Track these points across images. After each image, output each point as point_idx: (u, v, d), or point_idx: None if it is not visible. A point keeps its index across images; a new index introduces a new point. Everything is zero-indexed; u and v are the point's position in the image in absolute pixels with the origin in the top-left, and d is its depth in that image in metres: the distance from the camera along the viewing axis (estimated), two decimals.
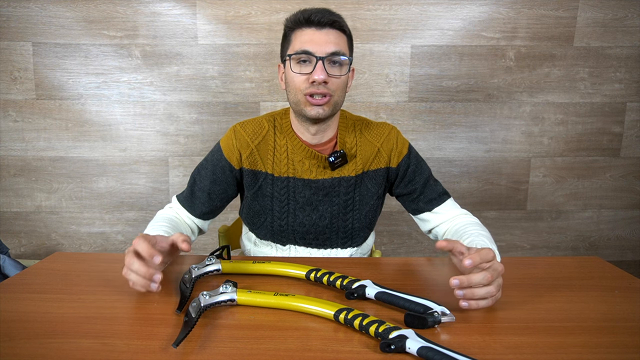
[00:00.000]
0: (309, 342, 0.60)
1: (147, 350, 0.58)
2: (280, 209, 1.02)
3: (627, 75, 2.03)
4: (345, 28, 0.94)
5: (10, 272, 1.75)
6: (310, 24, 0.91)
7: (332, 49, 0.90)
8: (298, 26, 0.92)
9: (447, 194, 1.05)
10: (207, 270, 0.80)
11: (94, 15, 1.90)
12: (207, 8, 1.91)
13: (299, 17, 0.92)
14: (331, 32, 0.91)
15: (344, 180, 1.01)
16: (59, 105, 1.97)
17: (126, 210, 2.07)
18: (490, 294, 0.66)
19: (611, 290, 0.78)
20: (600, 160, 2.11)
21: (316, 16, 0.90)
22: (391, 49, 1.97)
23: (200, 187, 1.03)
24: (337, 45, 0.90)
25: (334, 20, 0.91)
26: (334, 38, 0.91)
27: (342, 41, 0.93)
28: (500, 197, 2.12)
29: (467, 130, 2.05)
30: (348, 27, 0.95)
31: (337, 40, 0.91)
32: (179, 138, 2.02)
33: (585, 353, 0.58)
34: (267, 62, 1.96)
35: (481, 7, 1.94)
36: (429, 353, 0.54)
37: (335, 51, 0.90)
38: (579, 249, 2.19)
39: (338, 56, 0.90)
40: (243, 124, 1.03)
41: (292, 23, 0.93)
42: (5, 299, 0.72)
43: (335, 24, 0.91)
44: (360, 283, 0.73)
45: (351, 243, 1.05)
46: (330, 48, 0.89)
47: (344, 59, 0.92)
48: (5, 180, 2.03)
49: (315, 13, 0.90)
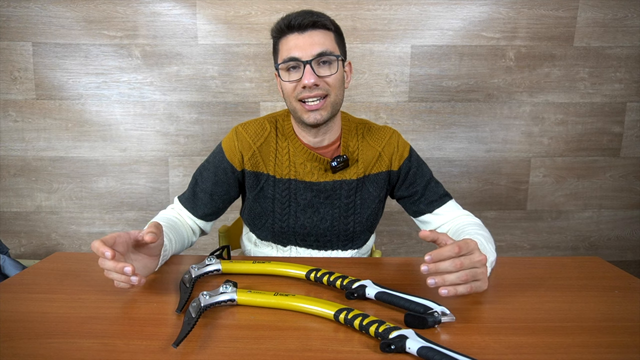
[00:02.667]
0: (309, 342, 0.60)
1: (147, 350, 0.58)
2: (282, 210, 1.02)
3: (627, 75, 2.03)
4: (329, 25, 0.92)
5: (10, 272, 1.75)
6: (292, 29, 0.90)
7: (318, 50, 0.89)
8: (282, 34, 0.92)
9: (449, 195, 1.05)
10: (207, 270, 0.80)
11: (94, 15, 1.90)
12: (207, 8, 1.91)
13: (280, 25, 0.91)
14: (314, 33, 0.90)
15: (345, 184, 1.01)
16: (59, 105, 1.97)
17: (126, 210, 2.07)
18: (461, 279, 0.65)
19: (611, 290, 0.78)
20: (600, 160, 2.11)
21: (296, 20, 0.89)
22: (391, 49, 1.97)
23: (202, 189, 1.03)
24: (323, 45, 0.89)
25: (314, 21, 0.89)
26: (318, 39, 0.89)
27: (328, 39, 0.91)
28: (500, 197, 2.12)
29: (467, 130, 2.05)
30: (333, 23, 0.93)
31: (321, 40, 0.90)
32: (179, 138, 2.02)
33: (585, 353, 0.58)
34: (267, 62, 1.96)
35: (481, 7, 1.94)
36: (429, 353, 0.54)
37: (321, 52, 0.89)
38: (579, 249, 2.19)
39: (326, 56, 0.90)
40: (245, 125, 1.03)
41: (276, 32, 0.93)
42: (5, 299, 0.72)
43: (317, 24, 0.90)
44: (360, 283, 0.73)
45: (352, 245, 1.05)
46: (315, 50, 0.89)
47: (333, 57, 0.91)
48: (5, 180, 2.03)
49: (295, 17, 0.89)
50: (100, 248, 0.66)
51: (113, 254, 0.65)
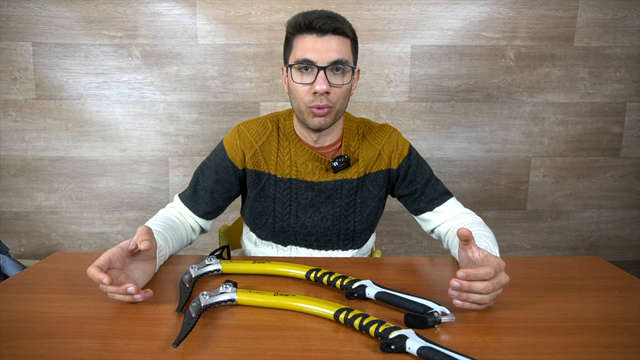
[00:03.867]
0: (309, 342, 0.60)
1: (147, 350, 0.58)
2: (282, 210, 1.02)
3: (627, 75, 2.03)
4: (348, 32, 0.90)
5: (10, 272, 1.75)
6: (311, 30, 0.87)
7: (335, 58, 0.87)
8: (299, 32, 0.89)
9: (449, 193, 1.05)
10: (207, 270, 0.80)
11: (94, 15, 1.90)
12: (207, 8, 1.91)
13: (300, 22, 0.88)
14: (334, 38, 0.87)
15: (346, 183, 1.01)
16: (59, 105, 1.97)
17: (126, 210, 2.07)
18: (483, 301, 0.67)
19: (611, 290, 0.78)
20: (600, 160, 2.11)
21: (318, 22, 0.86)
22: (391, 49, 1.97)
23: (203, 187, 1.03)
24: (340, 53, 0.88)
25: (336, 27, 0.87)
26: (336, 45, 0.87)
27: (345, 47, 0.90)
28: (500, 197, 2.12)
29: (467, 130, 2.05)
30: (352, 30, 0.92)
31: (339, 47, 0.88)
32: (179, 138, 2.02)
33: (585, 353, 0.58)
34: (267, 62, 1.96)
35: (481, 7, 1.94)
36: (429, 353, 0.54)
37: (338, 59, 0.87)
38: (579, 249, 2.19)
39: (341, 64, 0.88)
40: (247, 124, 1.03)
41: (294, 28, 0.90)
42: (5, 299, 0.72)
43: (338, 31, 0.88)
44: (360, 283, 0.73)
45: (352, 245, 1.06)
46: (332, 57, 0.87)
47: (348, 67, 0.90)
48: (5, 180, 2.03)
49: (317, 19, 0.86)
50: (97, 275, 0.65)
51: (110, 279, 0.65)
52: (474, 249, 0.72)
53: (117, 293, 0.68)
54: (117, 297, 0.69)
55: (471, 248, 0.73)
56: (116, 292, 0.67)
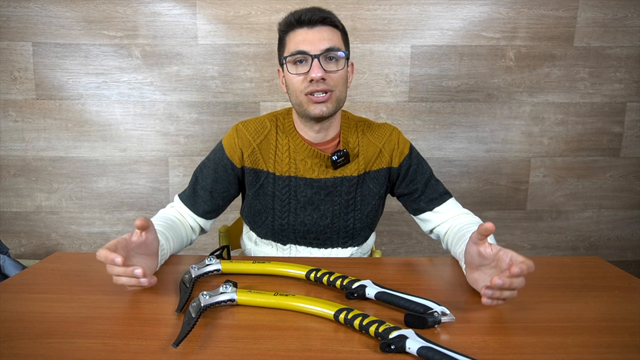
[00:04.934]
0: (309, 342, 0.60)
1: (147, 350, 0.58)
2: (282, 208, 1.02)
3: (627, 75, 2.03)
4: (337, 23, 0.95)
5: (10, 272, 1.75)
6: (301, 24, 0.92)
7: (326, 45, 0.91)
8: (290, 28, 0.94)
9: (449, 193, 1.05)
10: (207, 270, 0.80)
11: (94, 15, 1.90)
12: (207, 8, 1.91)
13: (290, 20, 0.93)
14: (323, 29, 0.92)
15: (345, 180, 1.01)
16: (59, 105, 1.97)
17: (126, 210, 2.07)
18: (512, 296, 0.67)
19: (611, 290, 0.78)
20: (600, 160, 2.11)
21: (306, 15, 0.91)
22: (391, 49, 1.97)
23: (202, 186, 1.03)
24: (331, 41, 0.91)
25: (324, 17, 0.92)
26: (327, 35, 0.92)
27: (336, 36, 0.94)
28: (500, 197, 2.12)
29: (467, 130, 2.05)
30: (340, 22, 0.96)
31: (330, 36, 0.92)
32: (179, 138, 2.02)
33: (585, 353, 0.58)
34: (267, 62, 1.96)
35: (481, 7, 1.94)
36: (429, 353, 0.54)
37: (330, 47, 0.91)
38: (579, 249, 2.19)
39: (333, 51, 0.91)
40: (245, 122, 1.04)
41: (285, 26, 0.95)
42: (5, 299, 0.72)
43: (327, 21, 0.92)
44: (360, 283, 0.73)
45: (352, 243, 1.05)
46: (324, 45, 0.90)
47: (340, 54, 0.93)
48: (5, 180, 2.03)
49: (305, 12, 0.91)
50: (109, 255, 0.66)
51: (123, 259, 0.66)
52: (487, 244, 0.72)
53: (123, 275, 0.68)
54: (122, 281, 0.69)
55: (485, 243, 0.72)
56: (124, 273, 0.68)
